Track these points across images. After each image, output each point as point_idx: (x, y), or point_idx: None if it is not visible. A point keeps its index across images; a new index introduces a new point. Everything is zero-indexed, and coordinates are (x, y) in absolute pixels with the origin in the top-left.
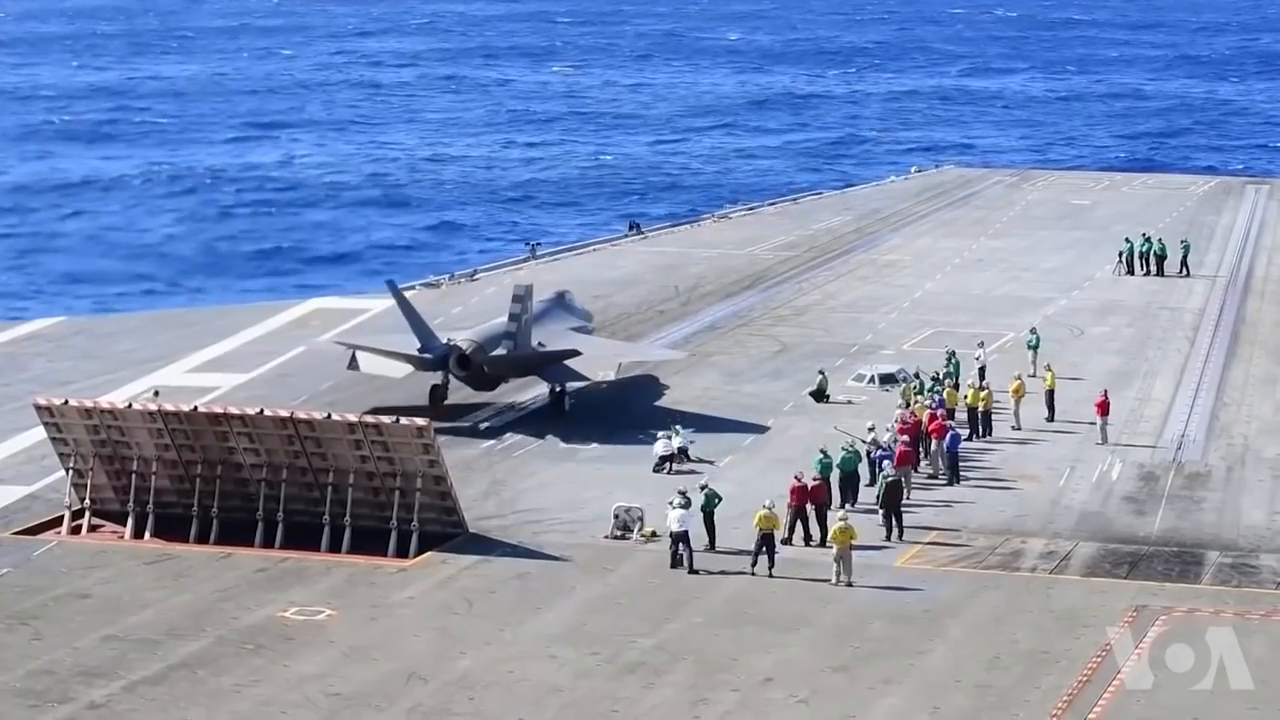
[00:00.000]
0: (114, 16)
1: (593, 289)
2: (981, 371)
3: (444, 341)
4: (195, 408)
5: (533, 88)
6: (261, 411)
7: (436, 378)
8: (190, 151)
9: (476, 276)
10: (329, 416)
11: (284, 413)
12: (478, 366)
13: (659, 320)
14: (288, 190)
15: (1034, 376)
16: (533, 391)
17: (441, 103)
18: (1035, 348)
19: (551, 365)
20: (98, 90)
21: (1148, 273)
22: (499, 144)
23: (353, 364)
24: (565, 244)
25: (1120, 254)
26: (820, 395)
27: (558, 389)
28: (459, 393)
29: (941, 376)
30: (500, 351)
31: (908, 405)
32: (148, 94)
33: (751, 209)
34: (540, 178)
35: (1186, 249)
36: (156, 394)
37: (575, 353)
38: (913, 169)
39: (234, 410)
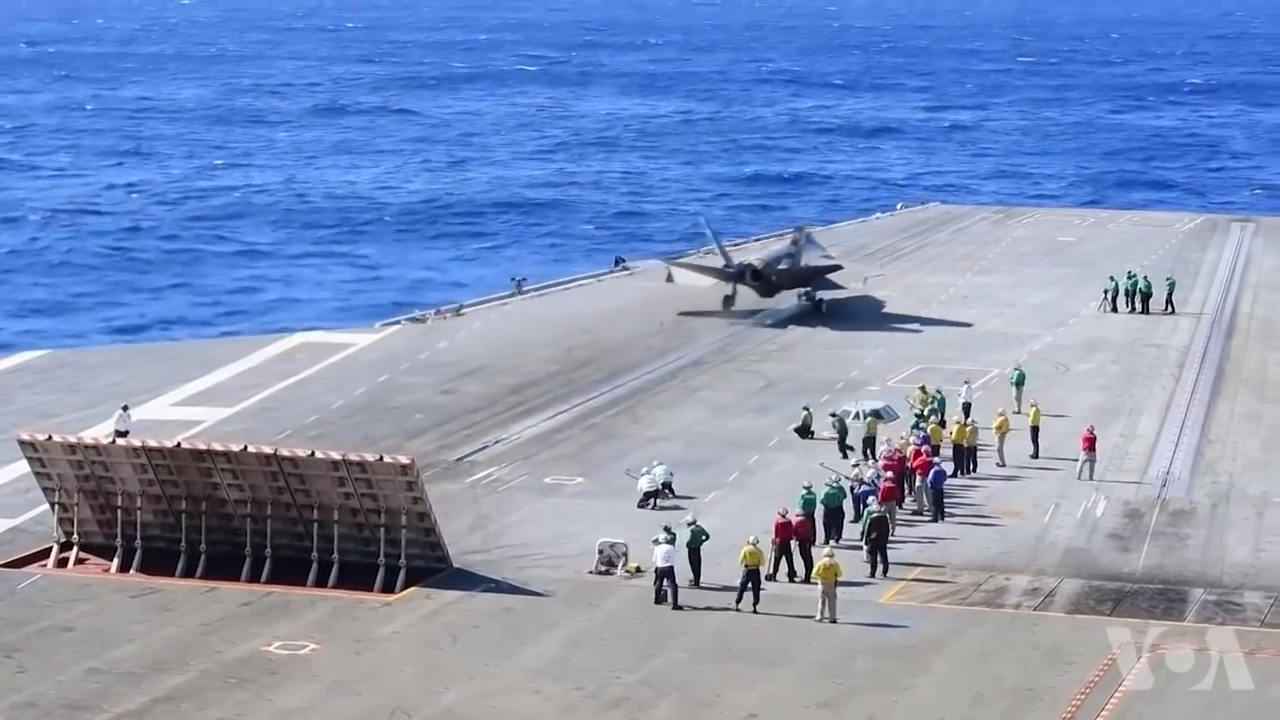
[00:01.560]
0: None
1: (578, 323)
2: (966, 408)
3: (742, 260)
4: (179, 443)
5: (504, 118)
6: (245, 448)
7: (728, 289)
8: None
9: (462, 311)
10: (313, 454)
11: (268, 449)
12: (767, 278)
13: (645, 355)
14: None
15: (1019, 413)
16: (520, 425)
17: (409, 133)
18: (1020, 384)
19: (818, 278)
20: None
21: (1133, 310)
22: (477, 178)
23: (669, 279)
24: (551, 279)
25: (1105, 291)
26: (805, 431)
27: (818, 296)
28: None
29: (926, 413)
30: (783, 266)
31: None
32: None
33: (737, 245)
34: (524, 211)
35: (1172, 286)
36: (126, 409)
37: (838, 267)
38: (899, 205)
39: (218, 446)
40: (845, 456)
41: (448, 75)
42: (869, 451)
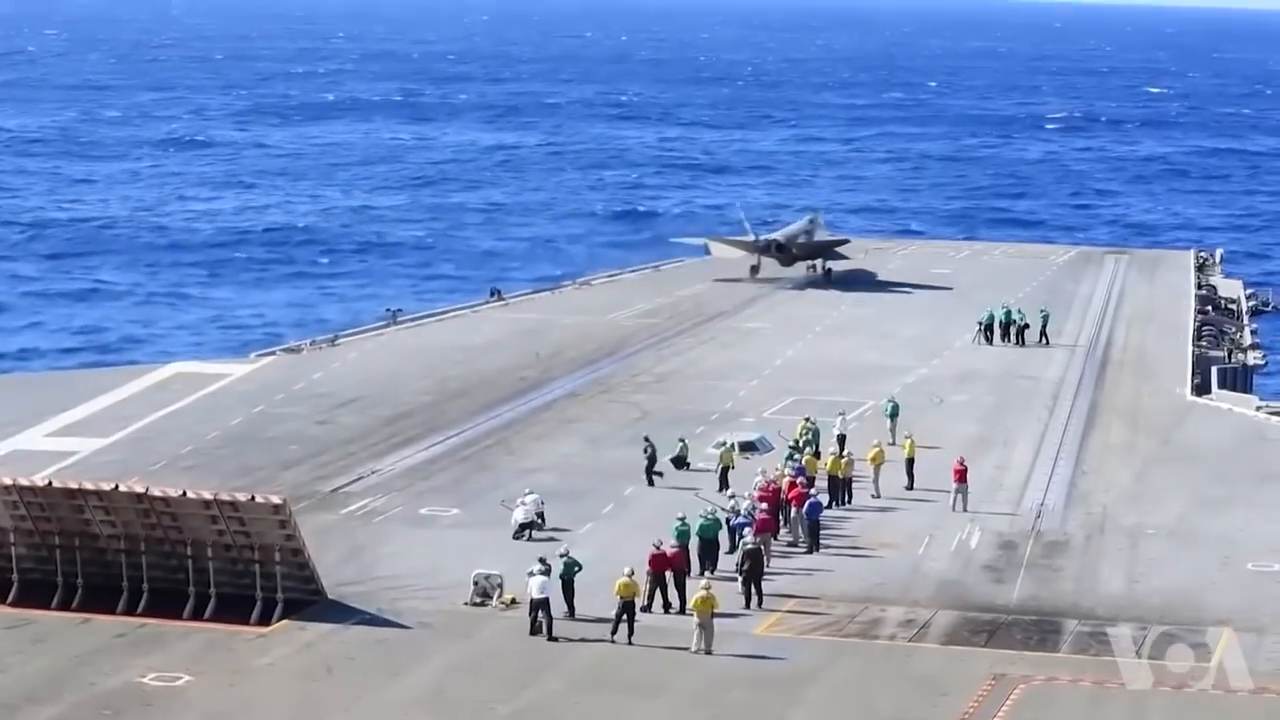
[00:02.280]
0: None
1: (453, 355)
2: (841, 439)
3: (767, 236)
4: (50, 482)
5: (389, 147)
6: (116, 487)
7: (754, 259)
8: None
9: (338, 342)
10: (184, 494)
11: (139, 489)
12: (788, 250)
13: (520, 386)
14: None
15: (893, 444)
16: (395, 456)
17: (284, 162)
18: (894, 416)
19: (829, 250)
20: None
21: (1007, 341)
22: (357, 204)
23: (707, 251)
24: (426, 310)
25: (979, 323)
26: (681, 463)
27: (828, 268)
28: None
29: (801, 445)
30: (802, 240)
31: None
32: None
33: (613, 276)
34: (397, 241)
35: (1046, 318)
36: None
37: (845, 240)
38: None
39: (89, 485)
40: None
41: (308, 106)
42: (725, 481)
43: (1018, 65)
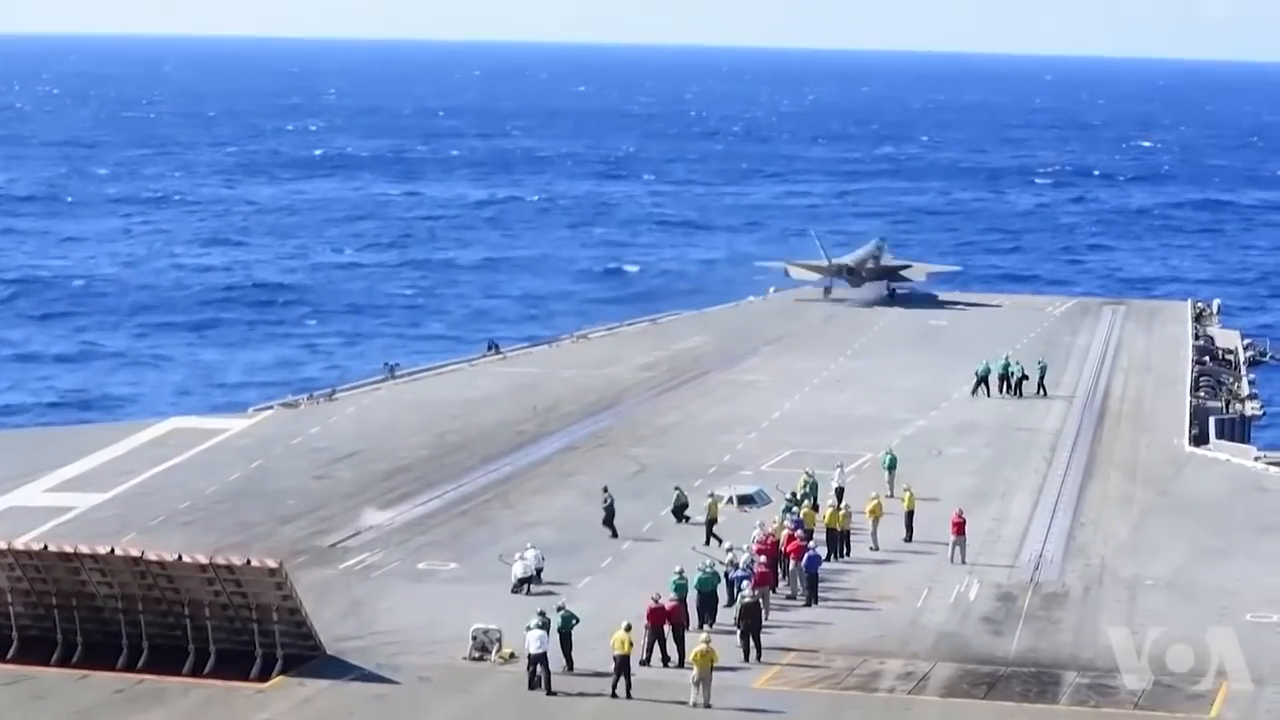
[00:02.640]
0: None
1: (451, 409)
2: (839, 492)
3: (839, 261)
4: (45, 546)
5: (378, 202)
6: (112, 550)
7: (828, 282)
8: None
9: (335, 396)
10: (180, 558)
11: (135, 552)
12: (858, 273)
13: (518, 440)
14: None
15: (891, 497)
16: (393, 511)
17: (282, 219)
18: (892, 468)
19: (894, 274)
20: None
21: (1006, 393)
22: (351, 260)
23: (786, 274)
24: (423, 364)
25: (977, 374)
26: (680, 512)
27: (893, 288)
28: None
29: (800, 497)
30: (870, 265)
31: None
32: None
33: (611, 329)
34: (399, 297)
35: (1043, 370)
36: None
37: (908, 265)
38: (770, 289)
39: (84, 549)
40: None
41: (298, 161)
42: (711, 532)
43: (1009, 118)
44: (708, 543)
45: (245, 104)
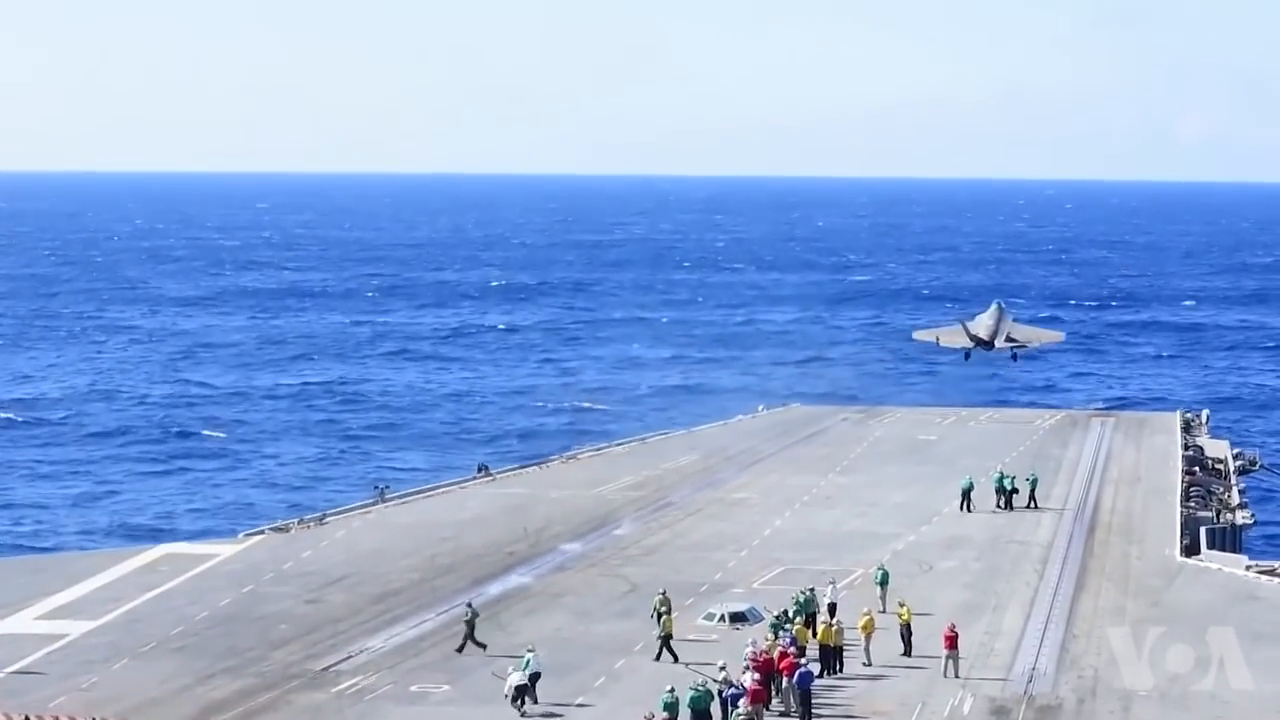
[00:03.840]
0: None
1: (441, 530)
2: (832, 608)
3: (981, 332)
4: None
5: (370, 331)
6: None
7: (970, 346)
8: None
9: (325, 520)
10: None
11: None
12: (990, 343)
13: (508, 561)
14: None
15: (883, 612)
16: (385, 634)
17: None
18: (884, 584)
19: (1017, 342)
20: None
21: (1002, 507)
22: (341, 385)
23: (938, 342)
24: (414, 486)
25: (963, 490)
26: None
27: (1014, 353)
28: None
29: (792, 615)
30: (1007, 331)
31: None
32: None
33: (599, 449)
34: (387, 420)
35: (1034, 483)
36: None
37: (1027, 343)
38: (760, 407)
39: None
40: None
41: (276, 292)
42: (667, 647)
43: (986, 242)
44: (658, 657)
45: (213, 242)
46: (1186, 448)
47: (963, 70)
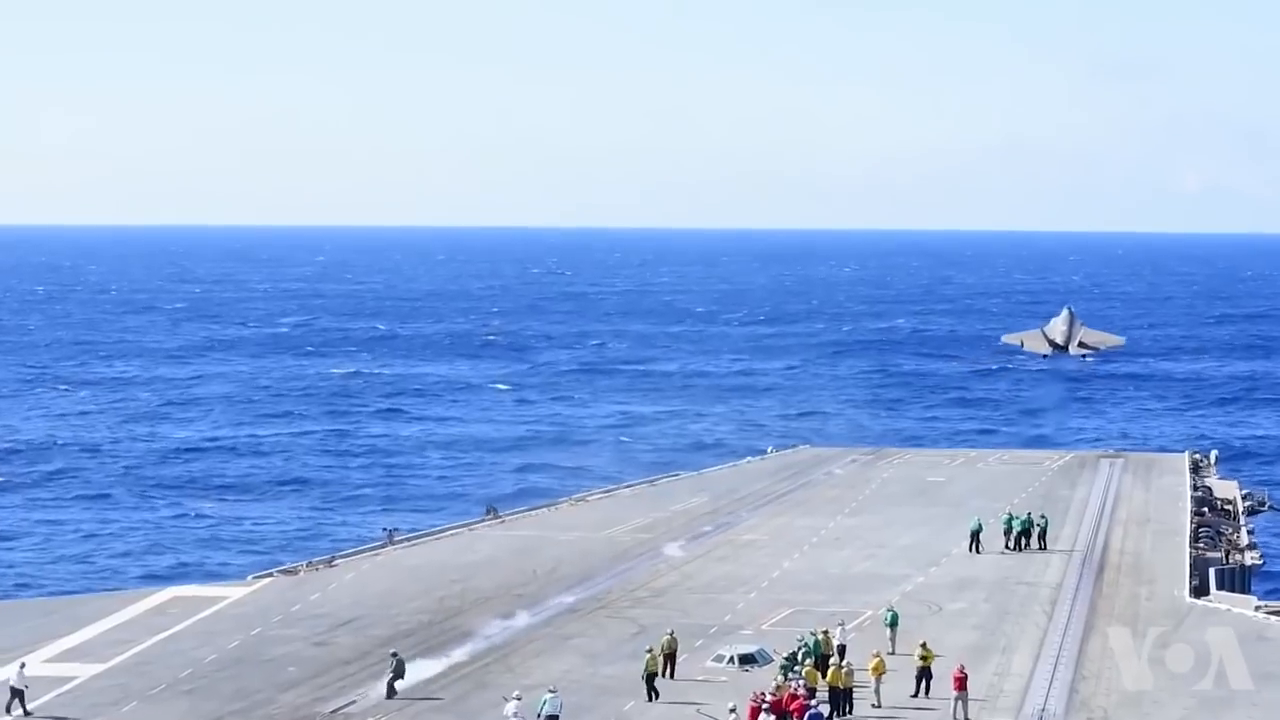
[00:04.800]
0: None
1: (450, 573)
2: (841, 650)
3: (1056, 337)
4: None
5: (368, 379)
6: None
7: (1047, 350)
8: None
9: (335, 562)
10: None
11: None
12: (1065, 346)
13: (517, 603)
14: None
15: (893, 654)
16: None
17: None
18: (893, 625)
19: (1092, 344)
20: None
21: (1015, 548)
22: (346, 431)
23: (1022, 345)
24: (422, 529)
25: (972, 532)
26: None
27: (1085, 355)
28: None
29: (801, 657)
30: (1079, 337)
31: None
32: None
33: (609, 491)
34: (395, 462)
35: (1045, 524)
36: (23, 666)
37: (1098, 347)
38: (769, 449)
39: None
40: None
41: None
42: (652, 686)
43: (986, 292)
44: (650, 699)
45: (210, 297)
46: (1195, 488)
47: (962, 123)
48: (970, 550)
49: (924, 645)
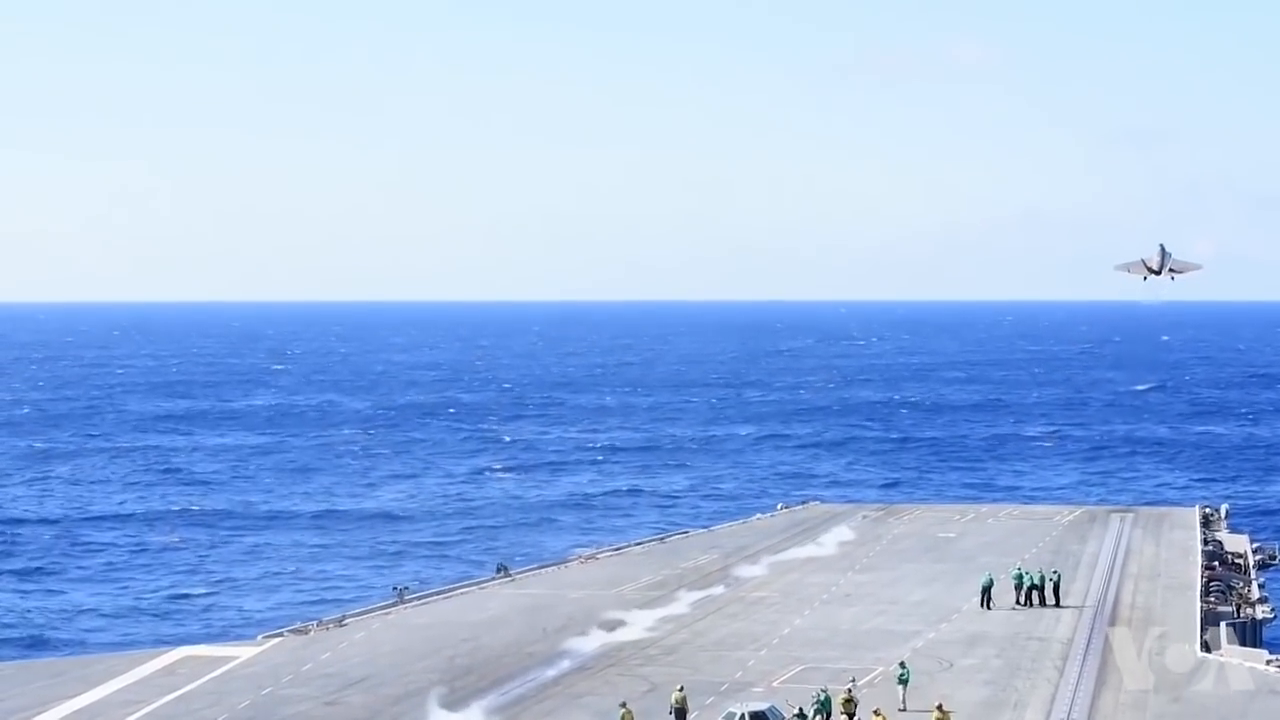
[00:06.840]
0: None
1: (460, 631)
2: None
3: (1153, 264)
4: None
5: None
6: None
7: (1143, 274)
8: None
9: (345, 622)
10: None
11: None
12: (1158, 271)
13: (528, 661)
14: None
15: (903, 710)
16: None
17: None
18: (904, 682)
19: (1178, 268)
20: None
21: (1030, 603)
22: (360, 492)
23: (1128, 270)
24: (433, 588)
25: (983, 587)
26: (681, 716)
27: (1172, 277)
28: None
29: (811, 714)
30: (1169, 265)
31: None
32: None
33: (619, 549)
34: (407, 522)
35: (1057, 579)
36: None
37: (1188, 264)
38: (779, 506)
39: None
40: None
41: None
42: None
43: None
44: None
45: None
46: (1206, 543)
47: (981, 195)
48: (981, 606)
49: (939, 707)
